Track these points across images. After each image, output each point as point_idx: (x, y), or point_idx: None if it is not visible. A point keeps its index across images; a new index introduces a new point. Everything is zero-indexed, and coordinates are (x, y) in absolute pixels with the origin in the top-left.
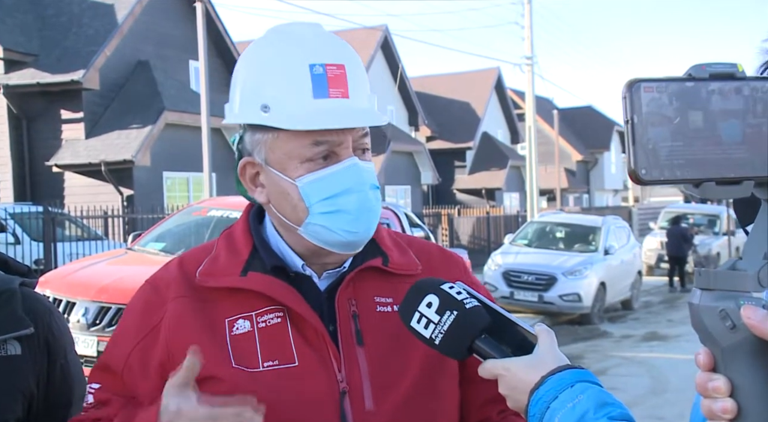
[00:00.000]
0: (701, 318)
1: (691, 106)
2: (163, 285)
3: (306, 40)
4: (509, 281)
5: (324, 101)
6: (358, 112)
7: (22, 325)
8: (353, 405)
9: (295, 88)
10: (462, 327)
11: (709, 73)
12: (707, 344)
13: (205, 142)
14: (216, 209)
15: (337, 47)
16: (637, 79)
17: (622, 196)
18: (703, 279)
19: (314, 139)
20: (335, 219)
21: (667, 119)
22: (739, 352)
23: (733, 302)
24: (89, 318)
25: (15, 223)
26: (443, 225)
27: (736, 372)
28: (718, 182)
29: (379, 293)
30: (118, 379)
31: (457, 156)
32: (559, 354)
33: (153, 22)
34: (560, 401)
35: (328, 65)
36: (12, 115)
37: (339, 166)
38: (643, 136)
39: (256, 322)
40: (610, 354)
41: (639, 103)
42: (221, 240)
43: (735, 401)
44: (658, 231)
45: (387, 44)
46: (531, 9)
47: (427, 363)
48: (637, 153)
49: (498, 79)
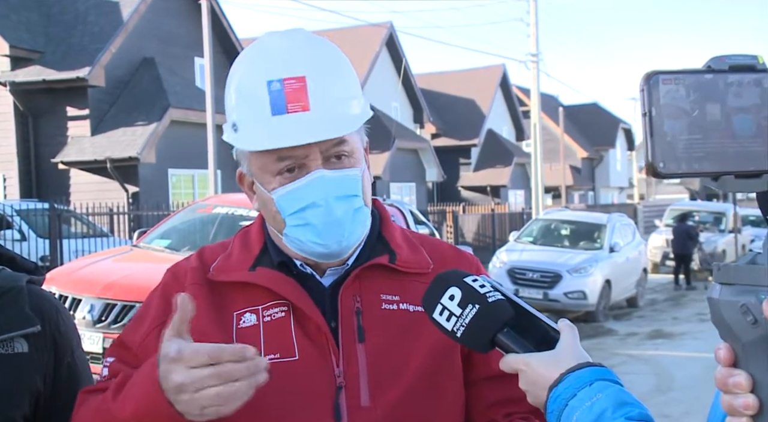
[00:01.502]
0: (721, 313)
1: (708, 98)
2: (182, 273)
3: (270, 56)
4: (514, 278)
5: (282, 117)
6: (320, 124)
7: (30, 323)
8: (348, 401)
9: (255, 107)
10: (484, 321)
11: (728, 64)
12: (728, 339)
13: (210, 139)
14: (221, 206)
15: (303, 57)
16: (655, 71)
17: (627, 194)
18: (723, 274)
19: (278, 155)
20: (304, 232)
21: (684, 112)
22: (760, 347)
23: (755, 297)
24: (95, 315)
25: (21, 220)
26: (448, 222)
27: (758, 368)
28: (737, 175)
29: (386, 290)
30: (132, 355)
31: (462, 153)
32: (580, 351)
33: (158, 20)
34: (579, 399)
35: (286, 80)
36: (18, 111)
37: (303, 180)
38: (660, 129)
39: (262, 316)
40: (616, 351)
41: (657, 96)
42: (237, 237)
43: (756, 397)
44: (664, 228)
45: (392, 41)
46: (536, 6)
47: (430, 361)
48: (655, 146)
49: (503, 76)
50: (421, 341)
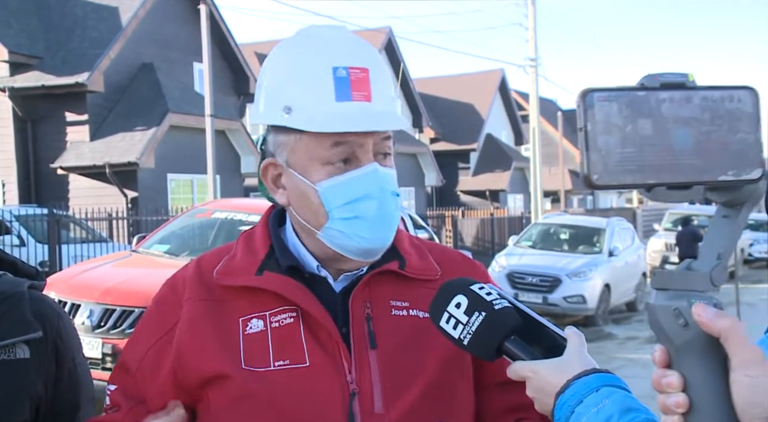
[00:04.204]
0: (657, 317)
1: (640, 114)
2: (180, 285)
3: (331, 43)
4: (513, 283)
5: (346, 104)
6: (380, 116)
7: (31, 329)
8: (362, 407)
9: (318, 91)
10: (490, 328)
11: (660, 82)
12: (662, 342)
13: (209, 144)
14: (220, 211)
15: (362, 50)
16: (590, 88)
17: (626, 198)
18: (659, 280)
19: (334, 139)
20: (353, 226)
21: (617, 127)
22: (690, 349)
23: (686, 301)
24: (94, 320)
25: (20, 225)
26: (447, 226)
27: (688, 368)
28: (669, 187)
29: (395, 297)
30: (131, 379)
31: (461, 157)
32: (587, 357)
33: (157, 25)
34: (585, 405)
35: (351, 68)
36: (17, 117)
37: (359, 171)
38: (595, 143)
39: (270, 322)
40: (615, 355)
41: (592, 112)
42: (240, 240)
43: (687, 396)
44: (663, 232)
45: (390, 46)
46: (535, 10)
47: (441, 367)
48: (590, 159)
49: (502, 81)
50: (432, 347)
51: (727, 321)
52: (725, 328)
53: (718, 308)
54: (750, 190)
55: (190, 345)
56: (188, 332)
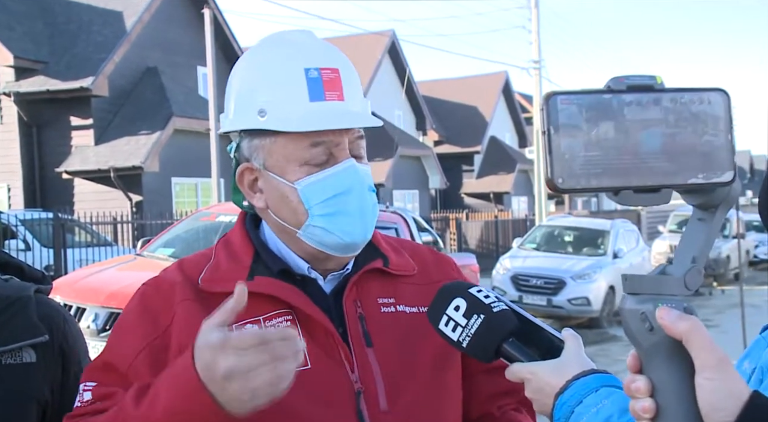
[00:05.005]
0: (627, 321)
1: (604, 117)
2: (166, 287)
3: (300, 46)
4: (518, 285)
5: (320, 104)
6: (354, 114)
7: (38, 333)
8: (368, 405)
9: (291, 92)
10: (489, 331)
11: (626, 85)
12: (634, 346)
13: (214, 147)
14: (224, 214)
15: (331, 52)
16: (554, 92)
17: None
18: (629, 284)
19: (312, 140)
20: (334, 221)
21: (581, 130)
22: (657, 353)
23: (652, 304)
24: (99, 324)
25: (25, 230)
26: (451, 229)
27: (655, 373)
28: (636, 190)
29: (381, 294)
30: (121, 378)
31: (465, 160)
32: (585, 358)
33: (161, 29)
34: (585, 405)
35: (322, 69)
36: (22, 121)
37: (338, 167)
38: (558, 147)
39: (265, 327)
40: (619, 358)
41: (555, 116)
42: (219, 247)
43: (654, 400)
44: (668, 234)
45: (394, 49)
46: (538, 13)
47: (434, 361)
48: (553, 163)
49: (506, 83)
50: (423, 341)
51: (688, 323)
52: (686, 331)
53: (689, 312)
54: (723, 192)
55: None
56: (189, 333)
